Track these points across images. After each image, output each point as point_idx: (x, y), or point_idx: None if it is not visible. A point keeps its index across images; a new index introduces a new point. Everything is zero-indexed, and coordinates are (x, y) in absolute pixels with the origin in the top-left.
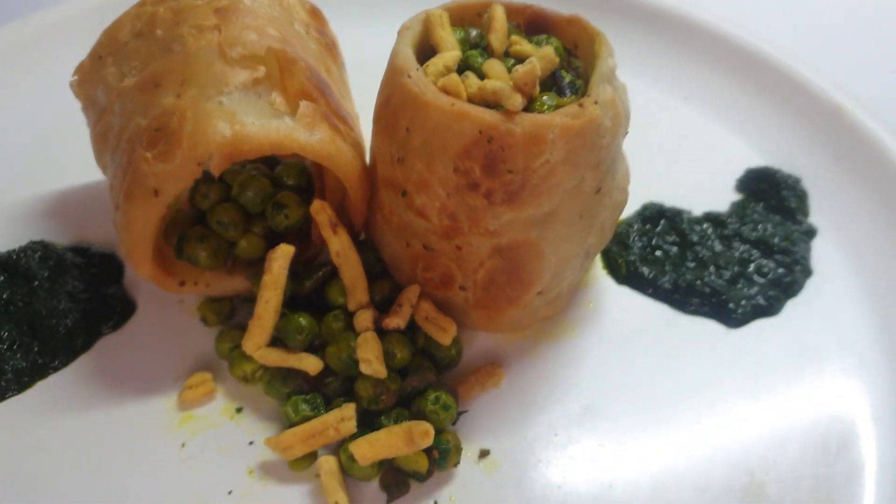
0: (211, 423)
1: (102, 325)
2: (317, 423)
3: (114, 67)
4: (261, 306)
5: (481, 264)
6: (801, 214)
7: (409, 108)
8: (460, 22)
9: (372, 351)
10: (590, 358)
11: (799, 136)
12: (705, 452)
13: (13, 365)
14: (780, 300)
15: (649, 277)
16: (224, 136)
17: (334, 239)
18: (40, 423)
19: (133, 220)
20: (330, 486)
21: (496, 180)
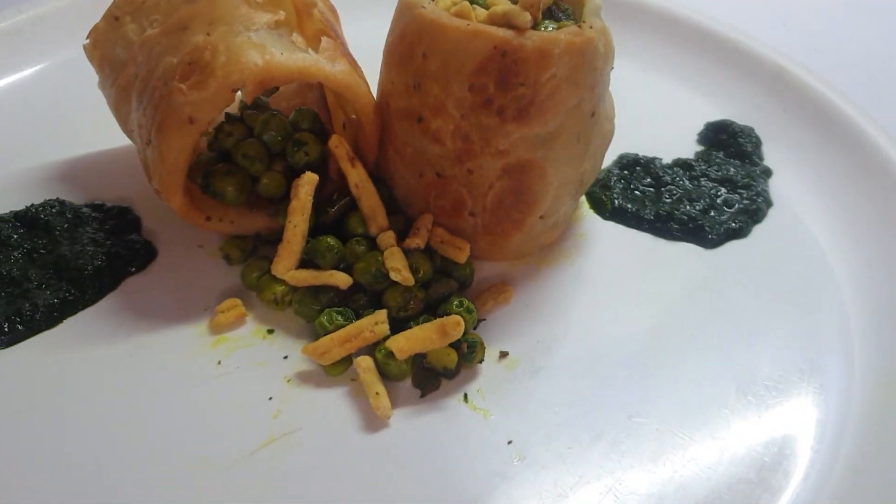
0: (244, 343)
1: (127, 266)
2: (352, 328)
3: (134, 24)
4: (289, 231)
5: (490, 187)
6: (758, 158)
7: (427, 34)
8: None
9: (399, 261)
10: (586, 278)
11: (748, 94)
12: (691, 352)
13: (43, 301)
14: (749, 225)
15: (633, 211)
16: (256, 64)
17: (353, 171)
18: (75, 355)
19: (167, 150)
20: (369, 380)
21: (509, 94)
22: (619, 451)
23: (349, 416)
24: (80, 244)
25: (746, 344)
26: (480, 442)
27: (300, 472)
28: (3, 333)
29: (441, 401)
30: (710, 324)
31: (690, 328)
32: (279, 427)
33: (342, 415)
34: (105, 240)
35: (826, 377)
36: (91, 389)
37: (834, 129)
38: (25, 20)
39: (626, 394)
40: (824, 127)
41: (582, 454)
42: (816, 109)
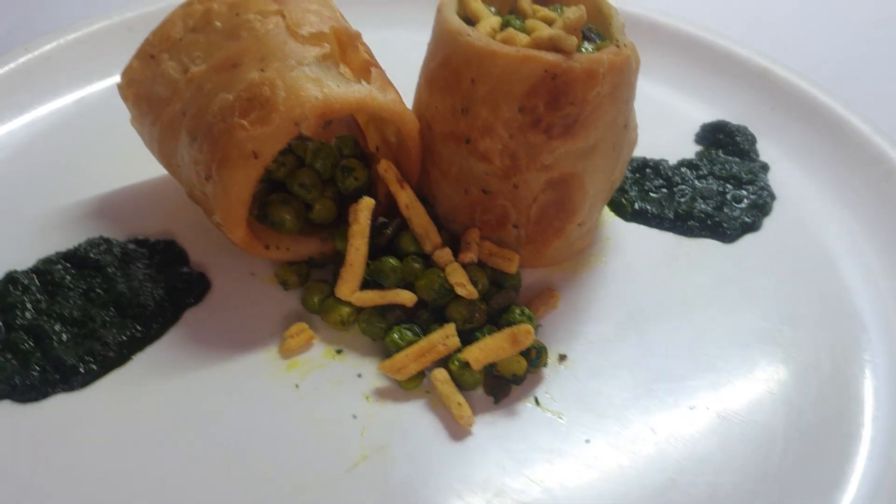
0: (317, 364)
1: (185, 299)
2: (425, 343)
3: (173, 62)
4: (352, 254)
5: (535, 199)
6: (754, 154)
7: (475, 61)
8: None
9: (462, 277)
10: (620, 278)
11: (738, 95)
12: (721, 333)
13: (112, 339)
14: (760, 218)
15: (654, 212)
16: (317, 98)
17: (402, 193)
18: (151, 388)
19: (231, 185)
20: (448, 392)
21: (557, 113)
22: (685, 440)
23: (433, 428)
24: (136, 280)
25: (787, 328)
26: (560, 442)
27: (399, 484)
28: (79, 374)
29: (514, 406)
30: (746, 312)
31: (729, 318)
32: (369, 443)
33: (425, 427)
34: (158, 274)
35: (872, 351)
36: (175, 421)
37: (820, 120)
38: (42, 56)
39: (684, 385)
40: (811, 119)
41: (655, 447)
42: (802, 104)
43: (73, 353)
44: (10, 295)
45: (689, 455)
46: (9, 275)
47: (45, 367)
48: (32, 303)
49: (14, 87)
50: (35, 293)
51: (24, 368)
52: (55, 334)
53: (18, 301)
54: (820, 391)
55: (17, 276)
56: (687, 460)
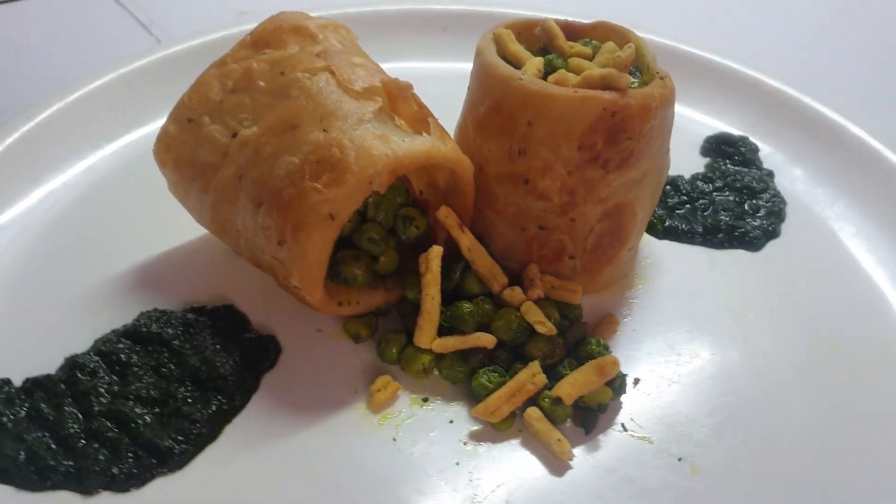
0: (407, 415)
1: (260, 364)
2: (514, 384)
3: (217, 125)
4: (427, 302)
5: (591, 231)
6: (758, 162)
7: (532, 104)
8: (517, 37)
9: (539, 314)
10: (666, 295)
11: (734, 107)
12: (771, 340)
13: (201, 415)
14: (778, 224)
15: (684, 228)
16: (387, 155)
17: (463, 236)
18: (249, 460)
19: (309, 248)
20: (545, 429)
21: (615, 148)
22: (781, 449)
23: (534, 465)
24: (207, 351)
25: (828, 327)
26: (655, 465)
27: None
28: (175, 455)
29: (604, 435)
30: (788, 317)
31: (774, 324)
32: (481, 488)
33: (527, 464)
34: (226, 342)
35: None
36: (279, 488)
37: (816, 125)
38: (43, 124)
39: (753, 395)
40: (806, 125)
41: (749, 462)
42: (795, 111)
43: (163, 435)
44: (79, 382)
45: (782, 461)
46: (71, 360)
47: (138, 452)
48: (105, 387)
49: (19, 159)
50: (104, 376)
51: (116, 457)
52: (138, 417)
53: (90, 387)
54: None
55: (81, 361)
56: (777, 469)
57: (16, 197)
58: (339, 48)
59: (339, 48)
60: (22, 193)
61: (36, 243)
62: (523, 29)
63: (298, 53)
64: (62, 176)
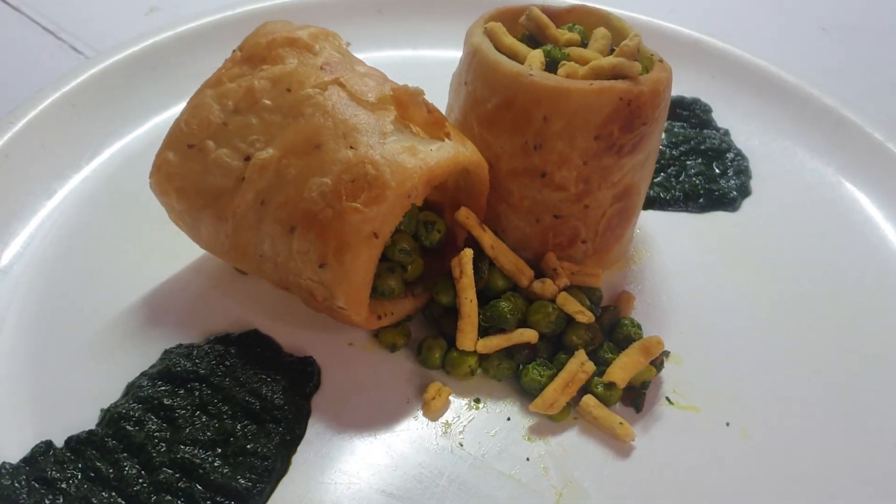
0: (466, 419)
1: (305, 386)
2: (566, 375)
3: (225, 149)
4: (466, 305)
5: (603, 214)
6: (713, 122)
7: (546, 99)
8: None
9: (575, 304)
10: (666, 264)
11: (680, 70)
12: (779, 292)
13: (267, 450)
14: (747, 181)
15: (665, 197)
16: (421, 168)
17: (484, 235)
18: (323, 488)
19: (355, 268)
20: (604, 415)
21: (630, 135)
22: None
23: (600, 450)
24: (252, 382)
25: (827, 271)
26: (706, 431)
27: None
28: (254, 494)
29: (652, 411)
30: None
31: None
32: (555, 481)
33: (593, 451)
34: (266, 369)
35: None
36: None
37: (756, 79)
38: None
39: (777, 349)
40: (747, 81)
41: (783, 411)
42: (737, 68)
43: (235, 476)
44: (129, 434)
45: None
46: (112, 413)
47: (216, 498)
48: (157, 435)
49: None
50: (153, 425)
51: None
52: (204, 462)
53: (144, 438)
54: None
55: (123, 411)
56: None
57: None
58: (339, 58)
59: (339, 58)
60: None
61: (29, 292)
62: (506, 18)
63: (300, 67)
64: (36, 216)
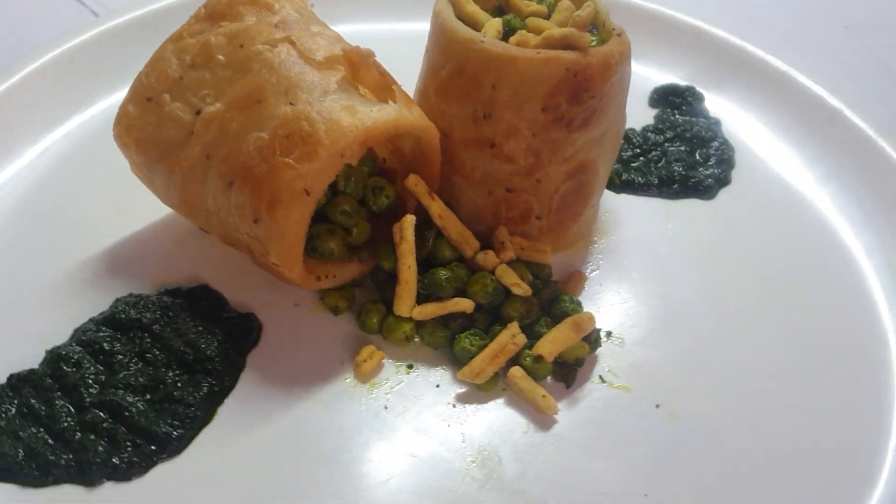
0: (395, 382)
1: (244, 341)
2: (496, 345)
3: (178, 103)
4: (404, 272)
5: (556, 190)
6: (705, 111)
7: (494, 66)
8: None
9: (514, 276)
10: (628, 247)
11: (676, 58)
12: (734, 284)
13: (193, 398)
14: (728, 171)
15: (641, 182)
16: (357, 126)
17: (433, 203)
18: (246, 438)
19: (286, 225)
20: (529, 387)
21: (579, 108)
22: (732, 387)
23: (521, 422)
24: (189, 334)
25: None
26: (634, 413)
27: (516, 479)
28: (173, 440)
29: (583, 388)
30: (746, 261)
31: (733, 269)
32: (471, 448)
33: (514, 422)
34: (207, 323)
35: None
36: (279, 464)
37: (753, 71)
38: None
39: (719, 338)
40: (746, 72)
41: (714, 396)
42: (733, 58)
43: (159, 421)
44: (66, 374)
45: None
46: (54, 353)
47: (136, 440)
48: (92, 378)
49: None
50: (90, 367)
51: (115, 447)
52: (131, 405)
53: (78, 379)
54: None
55: (64, 353)
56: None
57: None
58: (297, 17)
59: (297, 17)
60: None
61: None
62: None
63: (256, 25)
64: (14, 164)
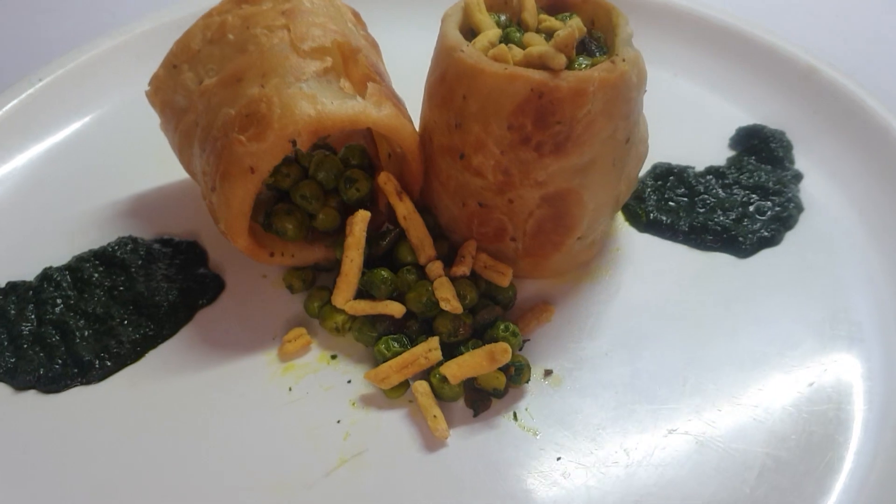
0: (311, 369)
1: (198, 299)
2: (408, 356)
3: (191, 73)
4: (346, 265)
5: (531, 214)
6: (788, 162)
7: (466, 78)
8: (491, 8)
9: (448, 291)
10: (625, 291)
11: (779, 96)
12: (718, 356)
13: (127, 337)
14: (781, 232)
15: (668, 223)
16: (310, 115)
17: (400, 204)
18: (159, 385)
19: (232, 197)
20: (426, 404)
21: (546, 132)
22: (657, 465)
23: (411, 437)
24: (155, 280)
25: (789, 354)
26: (530, 459)
27: (371, 491)
28: (95, 369)
29: (493, 419)
30: (748, 334)
31: (729, 341)
32: (349, 449)
33: (404, 435)
34: (176, 275)
35: (871, 381)
36: (173, 417)
37: (865, 130)
38: (83, 64)
39: (667, 408)
40: (855, 128)
41: (625, 469)
42: (847, 110)
43: (91, 349)
44: (43, 290)
45: (658, 479)
46: (45, 271)
47: (67, 361)
48: (63, 299)
49: (47, 103)
50: (66, 289)
51: (49, 361)
52: (79, 330)
53: (50, 297)
54: (807, 423)
55: (52, 273)
56: (655, 485)
57: (46, 132)
58: (308, 7)
59: (308, 7)
60: (49, 130)
61: (49, 169)
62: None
63: (267, 10)
64: (84, 118)
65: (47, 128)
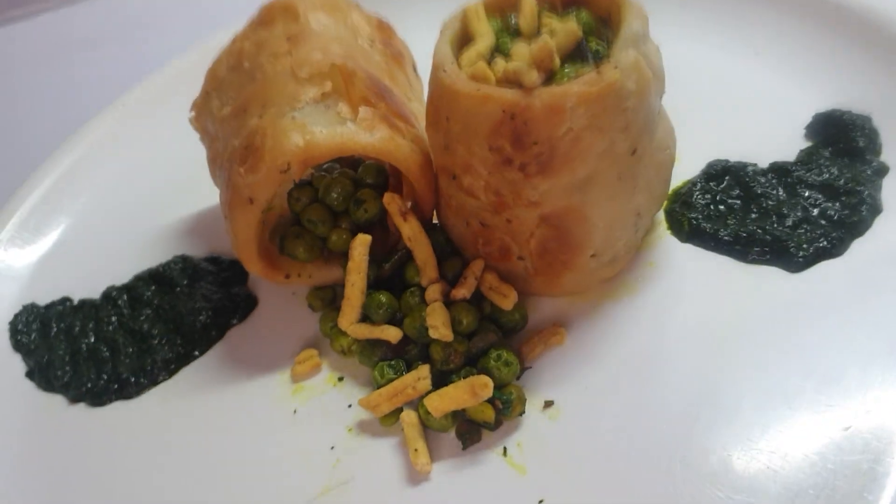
0: (318, 391)
1: (231, 318)
2: (398, 384)
3: (217, 101)
4: (348, 289)
5: (531, 234)
6: (871, 154)
7: (446, 99)
8: (500, 10)
9: (439, 318)
10: (650, 314)
11: (868, 74)
12: (741, 391)
13: (162, 356)
14: (845, 241)
15: (710, 232)
16: (298, 146)
17: (405, 225)
18: (184, 403)
19: (236, 227)
20: (411, 435)
21: (525, 153)
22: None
23: (397, 468)
24: (194, 300)
25: (826, 392)
26: (512, 500)
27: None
28: (132, 386)
29: (481, 454)
30: (783, 366)
31: (757, 372)
32: (336, 476)
33: (391, 466)
34: (214, 294)
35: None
36: (183, 435)
37: None
38: (138, 99)
39: (668, 451)
40: None
41: None
42: None
43: (131, 367)
44: (103, 308)
45: None
46: (107, 290)
47: (111, 376)
48: (118, 317)
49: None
50: (122, 308)
51: (97, 377)
52: (124, 347)
53: (107, 315)
54: (832, 476)
55: (111, 293)
56: None
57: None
58: (315, 28)
59: (315, 28)
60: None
61: (116, 192)
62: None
63: (276, 36)
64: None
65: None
